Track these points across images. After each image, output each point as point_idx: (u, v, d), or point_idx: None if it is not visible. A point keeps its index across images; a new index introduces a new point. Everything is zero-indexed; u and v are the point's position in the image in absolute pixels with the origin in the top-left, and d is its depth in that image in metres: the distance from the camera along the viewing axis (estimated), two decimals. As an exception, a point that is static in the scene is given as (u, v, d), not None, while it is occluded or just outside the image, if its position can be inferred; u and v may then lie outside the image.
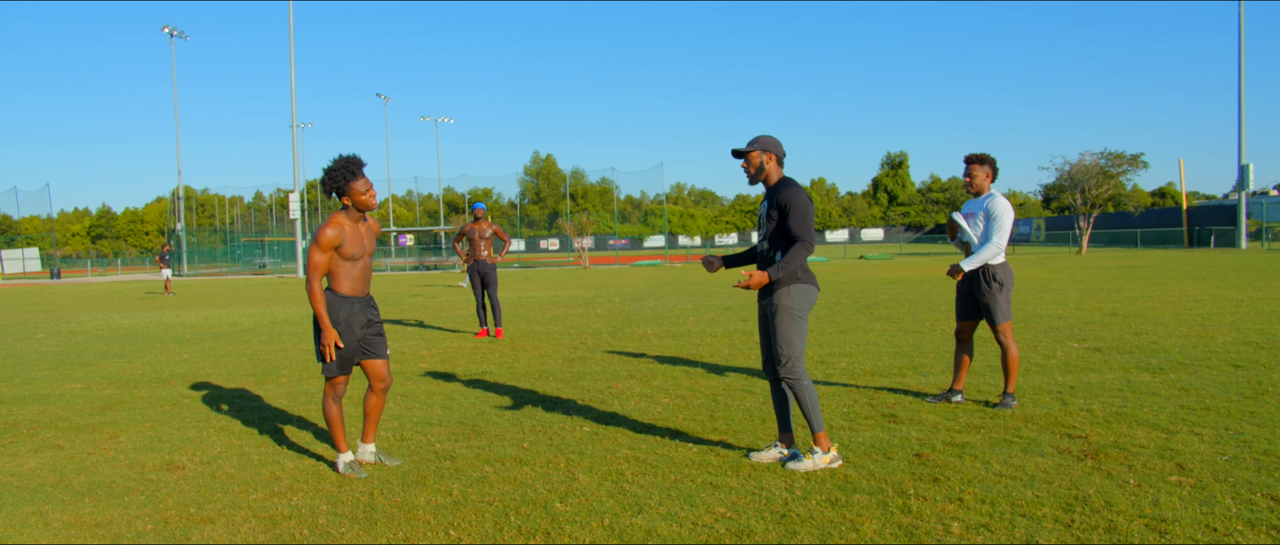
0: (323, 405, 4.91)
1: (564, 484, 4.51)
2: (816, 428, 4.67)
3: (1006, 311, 6.05)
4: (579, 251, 45.31)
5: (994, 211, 6.02)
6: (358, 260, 4.80)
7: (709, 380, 7.45)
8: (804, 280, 4.66)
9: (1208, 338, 9.24)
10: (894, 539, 3.61)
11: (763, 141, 4.79)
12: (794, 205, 4.58)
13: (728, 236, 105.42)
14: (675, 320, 12.82)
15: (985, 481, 4.34)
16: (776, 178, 4.80)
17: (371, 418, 5.06)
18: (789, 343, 4.63)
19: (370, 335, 4.93)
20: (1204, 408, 5.85)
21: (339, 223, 4.73)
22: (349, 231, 4.75)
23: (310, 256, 4.67)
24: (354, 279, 4.80)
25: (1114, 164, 42.68)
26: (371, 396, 5.06)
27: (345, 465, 4.82)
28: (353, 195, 4.73)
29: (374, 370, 4.98)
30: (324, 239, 4.65)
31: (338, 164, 4.72)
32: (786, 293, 4.64)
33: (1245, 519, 3.73)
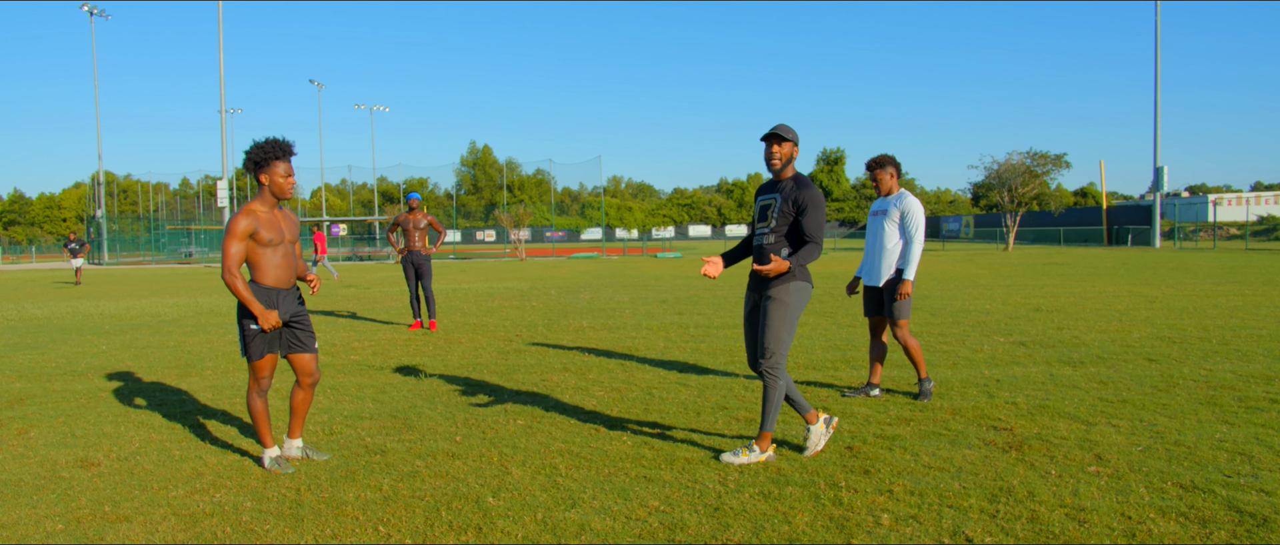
0: (247, 399, 4.76)
1: (497, 478, 4.46)
2: (767, 427, 4.67)
3: (906, 310, 6.17)
4: (516, 243, 44.99)
5: (909, 210, 6.13)
6: (277, 246, 4.65)
7: (644, 373, 7.45)
8: (804, 278, 4.72)
9: (1125, 333, 9.56)
10: (825, 531, 3.65)
11: (794, 134, 4.79)
12: (814, 206, 4.61)
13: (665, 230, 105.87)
14: (611, 313, 12.81)
15: (914, 473, 4.42)
16: (791, 171, 4.81)
17: (298, 412, 4.93)
18: (778, 337, 4.64)
19: (296, 328, 4.79)
20: (1121, 400, 6.05)
21: (252, 210, 4.59)
22: (264, 218, 4.60)
23: (225, 247, 4.51)
24: (276, 267, 4.65)
25: (1039, 164, 43.96)
26: (299, 391, 4.92)
27: (271, 460, 4.69)
28: (272, 175, 4.58)
29: (301, 364, 4.85)
30: (237, 228, 4.50)
31: (267, 141, 4.59)
32: (786, 289, 4.66)
33: (1157, 507, 3.86)
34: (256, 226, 4.55)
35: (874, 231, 6.34)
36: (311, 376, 4.88)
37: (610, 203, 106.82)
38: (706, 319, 11.71)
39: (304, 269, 4.94)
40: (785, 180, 4.76)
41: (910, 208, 6.14)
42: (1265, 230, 53.16)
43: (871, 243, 6.36)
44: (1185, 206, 67.29)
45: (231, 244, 4.50)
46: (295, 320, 4.77)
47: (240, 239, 4.52)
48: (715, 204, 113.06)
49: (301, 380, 4.89)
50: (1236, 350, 8.20)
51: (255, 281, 4.63)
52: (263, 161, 4.57)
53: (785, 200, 4.68)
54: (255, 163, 4.58)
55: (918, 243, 6.08)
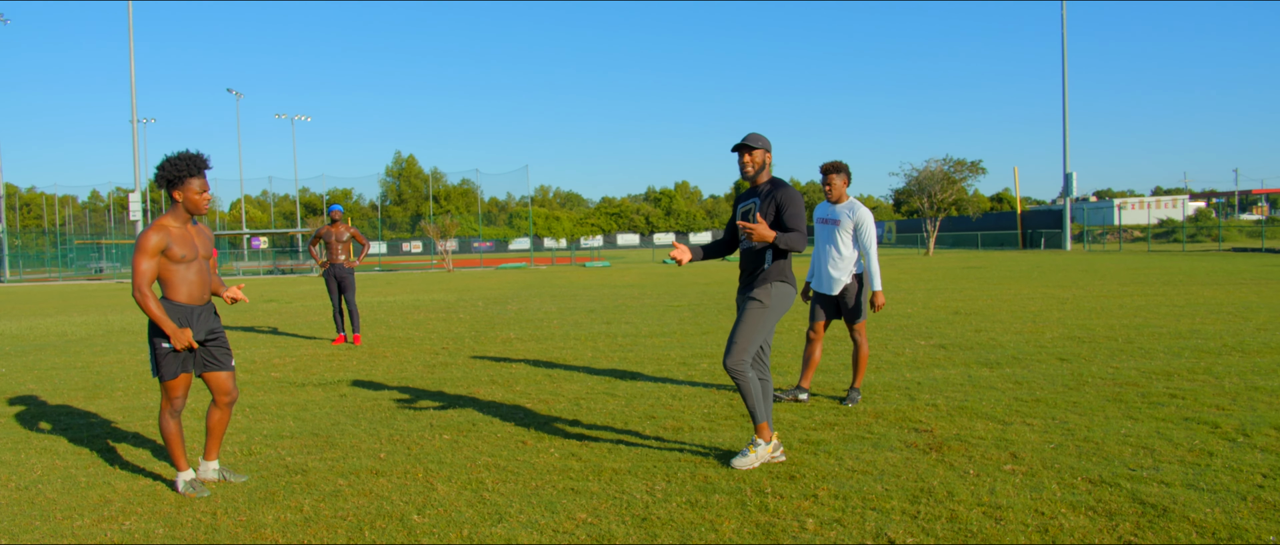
0: (160, 421, 4.60)
1: (422, 495, 4.39)
2: (760, 419, 4.74)
3: (864, 310, 6.34)
4: (442, 254, 44.41)
5: (862, 221, 6.25)
6: (190, 262, 4.49)
7: (571, 384, 7.43)
8: (787, 281, 4.81)
9: (1038, 333, 9.89)
10: (752, 537, 3.69)
11: (764, 140, 4.91)
12: (792, 202, 4.72)
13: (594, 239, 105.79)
14: (539, 324, 12.74)
15: (838, 477, 4.49)
16: (767, 176, 4.93)
17: (215, 433, 4.77)
18: (748, 336, 4.71)
19: (212, 346, 4.64)
20: (1035, 399, 6.25)
21: (164, 225, 4.43)
22: (176, 233, 4.45)
23: (135, 264, 4.35)
24: (190, 284, 4.50)
25: (957, 170, 45.26)
26: (215, 411, 4.76)
27: (185, 484, 4.53)
28: (187, 192, 4.44)
29: (218, 383, 4.69)
30: (147, 244, 4.35)
31: (180, 156, 4.42)
32: (768, 290, 4.76)
33: (1068, 502, 4.00)
34: (169, 242, 4.40)
35: (825, 239, 6.41)
36: (228, 395, 4.73)
37: (538, 212, 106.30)
38: (634, 328, 11.73)
39: (219, 285, 4.80)
40: (762, 184, 4.90)
41: (864, 219, 6.25)
42: (1165, 233, 55.62)
43: (822, 250, 6.44)
44: (1093, 211, 70.05)
45: (141, 260, 4.34)
46: (211, 337, 4.62)
47: (151, 255, 4.36)
48: (643, 213, 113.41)
49: (218, 399, 4.73)
50: (1140, 348, 8.55)
51: (168, 298, 4.47)
52: (176, 178, 4.42)
53: (764, 202, 4.80)
54: (168, 179, 4.43)
55: (876, 253, 6.28)
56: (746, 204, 4.95)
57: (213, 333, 4.64)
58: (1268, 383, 6.64)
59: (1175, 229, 54.30)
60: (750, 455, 4.70)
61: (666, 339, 10.40)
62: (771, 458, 4.75)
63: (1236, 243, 45.86)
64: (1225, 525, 3.66)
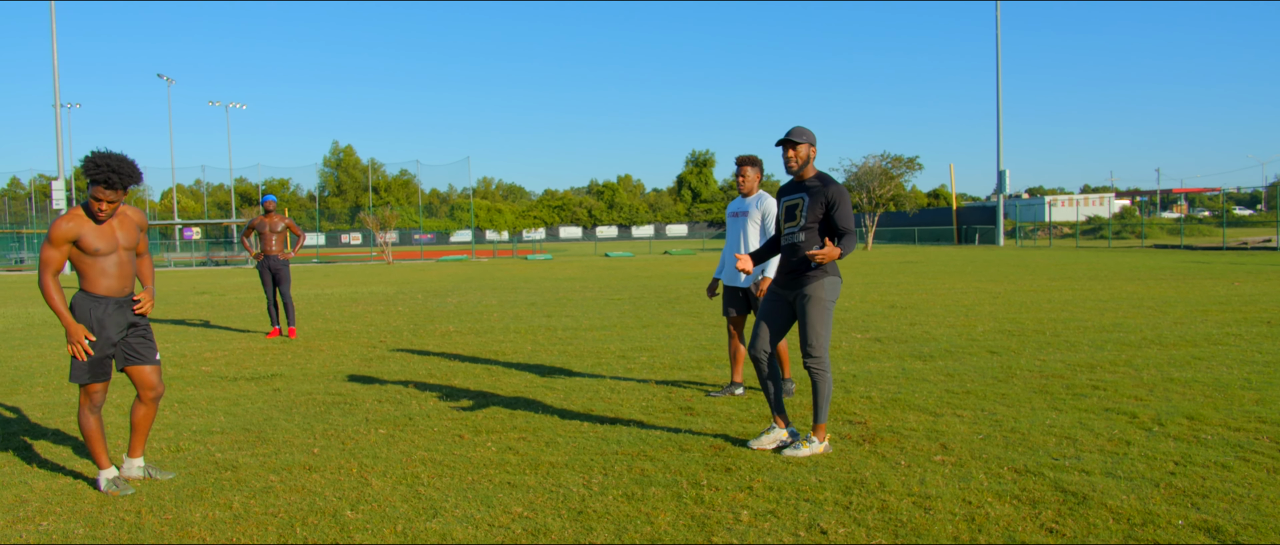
0: (79, 417, 4.45)
1: (356, 490, 4.33)
2: (821, 419, 4.83)
3: None
4: (382, 246, 43.77)
5: (769, 210, 6.29)
6: (107, 255, 4.30)
7: (511, 378, 7.39)
8: (836, 274, 4.85)
9: (970, 327, 10.14)
10: (687, 530, 3.72)
11: (810, 135, 4.93)
12: (843, 201, 4.75)
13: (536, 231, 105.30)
14: (479, 317, 12.65)
15: (774, 469, 4.55)
16: (813, 171, 4.94)
17: (139, 430, 4.63)
18: (819, 333, 4.76)
19: (134, 339, 4.47)
20: (965, 391, 6.41)
21: (78, 215, 4.26)
22: (91, 225, 4.27)
23: (42, 252, 4.20)
24: (108, 277, 4.32)
25: (895, 166, 46.10)
26: (139, 407, 4.61)
27: (108, 482, 4.40)
28: (92, 192, 4.22)
29: (142, 378, 4.55)
30: (57, 232, 4.18)
31: (104, 161, 4.16)
32: (820, 285, 4.78)
33: (994, 491, 4.11)
34: (81, 233, 4.23)
35: (735, 232, 6.46)
36: (153, 390, 4.59)
37: (480, 204, 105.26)
38: (575, 322, 11.71)
39: (147, 276, 4.65)
40: (810, 179, 4.91)
41: (769, 209, 6.29)
42: (1092, 229, 57.39)
43: (732, 244, 6.48)
44: (1025, 207, 71.91)
45: (47, 250, 4.18)
46: (133, 330, 4.47)
47: (58, 245, 4.20)
48: (586, 205, 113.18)
49: (142, 394, 4.59)
50: (1066, 341, 8.82)
51: (85, 290, 4.32)
52: (93, 178, 4.22)
53: (814, 198, 4.81)
54: (88, 175, 4.26)
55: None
56: (793, 199, 4.95)
57: (135, 325, 4.48)
58: (1182, 374, 6.91)
59: (1102, 226, 56.06)
60: (804, 449, 4.79)
61: (607, 332, 10.41)
62: (824, 452, 4.84)
63: (1158, 240, 47.52)
64: (1139, 511, 3.80)
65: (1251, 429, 5.16)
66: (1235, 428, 5.20)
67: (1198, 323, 10.18)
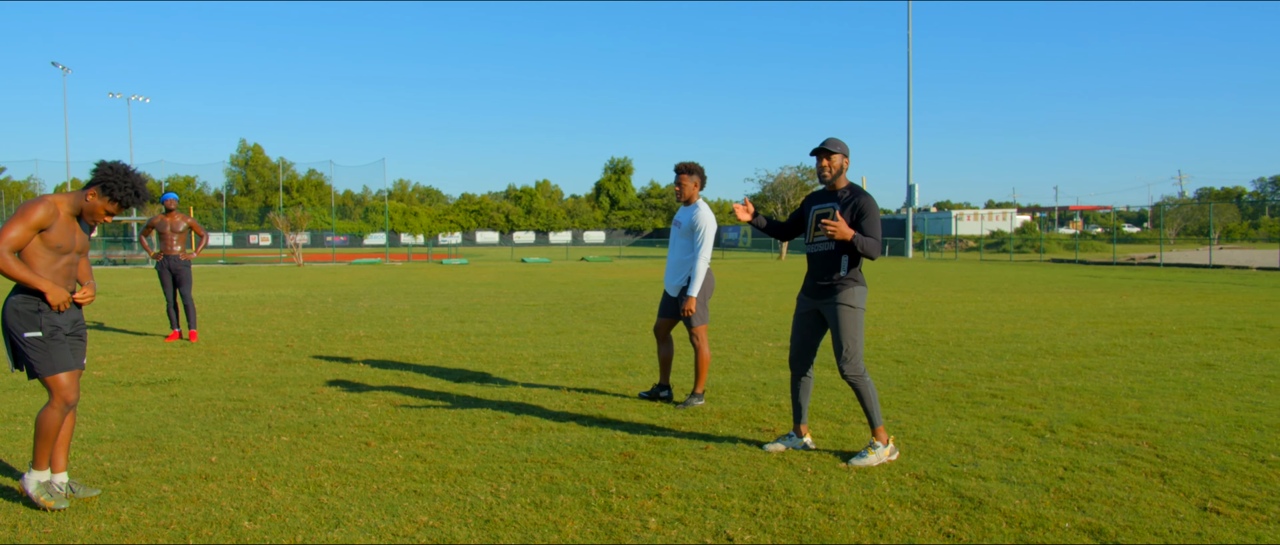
0: (43, 416, 4.12)
1: (254, 500, 4.20)
2: (876, 423, 4.88)
3: (703, 316, 6.41)
4: (292, 248, 42.58)
5: (700, 223, 6.32)
6: (64, 254, 4.15)
7: (421, 384, 7.27)
8: (861, 282, 4.90)
9: (878, 336, 10.40)
10: (594, 537, 3.71)
11: (843, 146, 4.98)
12: (871, 212, 4.80)
13: (452, 235, 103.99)
14: (391, 321, 12.41)
15: (683, 476, 4.58)
16: (845, 182, 4.99)
17: (61, 442, 4.29)
18: (853, 340, 4.82)
19: (77, 341, 4.30)
20: (871, 400, 6.56)
21: (53, 204, 4.08)
22: (63, 220, 4.11)
23: (6, 229, 3.97)
24: (55, 275, 4.12)
25: (809, 177, 47.00)
26: (50, 415, 4.26)
27: (37, 487, 4.10)
28: (97, 201, 4.15)
29: None
30: (32, 215, 4.01)
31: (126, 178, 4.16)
32: (850, 293, 4.85)
33: (896, 497, 4.23)
34: (53, 224, 4.07)
35: (673, 240, 6.49)
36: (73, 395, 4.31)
37: (395, 207, 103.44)
38: (488, 327, 11.60)
39: (87, 273, 4.44)
40: (841, 189, 4.97)
41: (700, 221, 6.29)
42: (995, 243, 59.56)
43: (671, 250, 6.53)
44: (933, 221, 74.28)
45: (16, 227, 3.99)
46: (74, 329, 4.30)
47: (31, 226, 4.02)
48: (504, 210, 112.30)
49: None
50: (968, 351, 9.13)
51: None
52: (103, 185, 4.13)
53: (844, 208, 4.85)
54: (101, 183, 4.13)
55: (701, 257, 6.22)
56: (824, 207, 4.99)
57: (77, 324, 4.31)
58: (1074, 383, 7.22)
59: (1004, 240, 58.21)
60: (870, 456, 4.82)
61: (520, 339, 10.34)
62: (889, 458, 4.87)
63: (1055, 254, 49.60)
64: (1030, 515, 3.96)
65: (1133, 435, 5.43)
66: (1119, 434, 5.46)
67: (1089, 334, 10.66)
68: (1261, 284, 21.40)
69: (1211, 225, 44.18)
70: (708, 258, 6.26)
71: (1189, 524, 3.85)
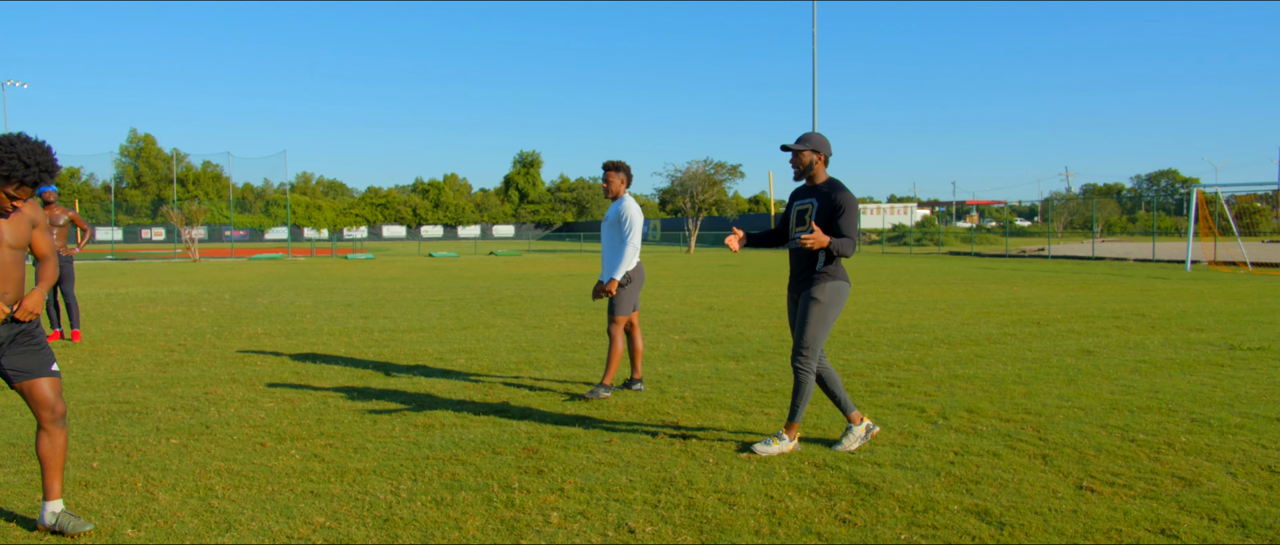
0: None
1: (139, 507, 4.02)
2: (795, 418, 4.89)
3: (625, 307, 6.44)
4: (188, 243, 40.91)
5: (626, 214, 6.41)
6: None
7: (321, 381, 7.09)
8: (841, 278, 4.88)
9: (782, 328, 10.61)
10: (496, 534, 3.69)
11: (813, 141, 4.96)
12: (848, 208, 4.78)
13: (358, 230, 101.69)
14: (291, 318, 12.06)
15: (586, 470, 4.59)
16: (824, 177, 4.97)
17: (52, 465, 3.76)
18: (813, 334, 4.81)
19: (21, 350, 3.71)
20: (774, 390, 6.69)
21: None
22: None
23: None
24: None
25: (717, 172, 47.60)
26: (44, 436, 3.76)
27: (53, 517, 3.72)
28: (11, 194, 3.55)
29: (37, 396, 3.74)
30: None
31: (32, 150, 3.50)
32: (824, 288, 4.83)
33: (794, 485, 4.32)
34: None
35: (605, 235, 6.59)
36: (51, 409, 3.76)
37: (298, 200, 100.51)
38: (393, 323, 11.39)
39: (48, 278, 3.92)
40: (820, 184, 4.95)
41: (624, 212, 6.41)
42: (897, 236, 61.42)
43: (604, 246, 6.61)
44: (838, 214, 75.93)
45: None
46: (18, 339, 3.72)
47: None
48: (411, 204, 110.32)
49: (40, 415, 3.76)
50: (867, 342, 9.39)
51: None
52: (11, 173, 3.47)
53: (823, 204, 4.85)
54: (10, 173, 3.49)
55: (631, 246, 6.35)
56: (803, 203, 4.99)
57: (25, 334, 3.73)
58: (966, 371, 7.51)
59: (905, 234, 60.05)
60: (773, 445, 4.84)
61: (425, 334, 10.19)
62: (790, 450, 4.88)
63: (953, 247, 51.42)
64: (922, 499, 4.10)
65: (1019, 420, 5.68)
66: (1006, 419, 5.71)
67: (981, 324, 11.10)
68: (1137, 274, 22.64)
69: (1094, 219, 46.50)
70: (637, 247, 6.39)
71: (1066, 502, 4.05)
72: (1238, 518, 3.84)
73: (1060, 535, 3.64)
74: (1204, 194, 27.54)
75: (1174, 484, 4.33)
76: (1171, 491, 4.21)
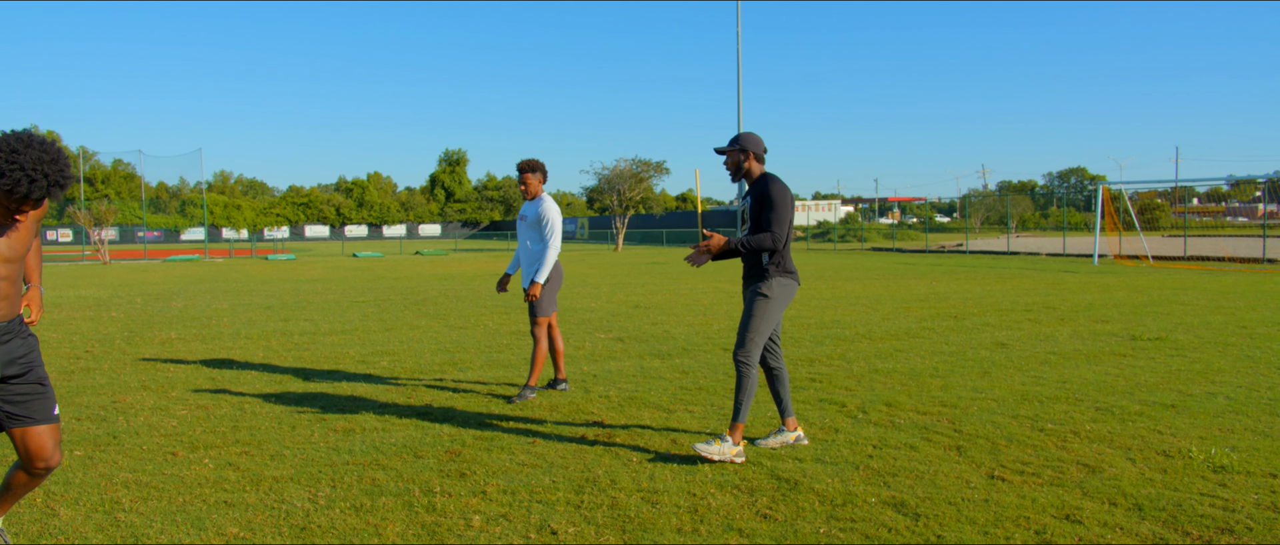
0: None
1: (39, 523, 3.86)
2: (739, 419, 4.72)
3: (547, 308, 6.41)
4: (97, 245, 39.33)
5: (546, 215, 6.37)
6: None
7: (237, 386, 6.90)
8: (787, 275, 4.82)
9: (707, 325, 10.70)
10: (417, 539, 3.64)
11: (742, 140, 4.95)
12: (768, 201, 4.74)
13: (279, 230, 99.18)
14: (207, 322, 11.70)
15: (509, 472, 4.56)
16: (759, 173, 4.96)
17: (13, 491, 3.36)
18: (757, 329, 4.74)
19: (21, 387, 3.12)
20: (698, 387, 6.75)
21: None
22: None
23: None
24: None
25: (644, 170, 47.73)
26: (20, 475, 3.29)
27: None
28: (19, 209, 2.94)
29: (35, 445, 3.18)
30: None
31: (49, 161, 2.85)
32: (769, 284, 4.77)
33: (717, 482, 4.37)
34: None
35: (522, 236, 6.53)
36: (46, 462, 3.21)
37: (215, 200, 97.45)
38: (314, 325, 11.14)
39: (35, 269, 3.42)
40: (757, 180, 4.93)
41: (547, 213, 6.38)
42: (821, 233, 62.50)
43: (521, 246, 6.56)
44: (764, 211, 76.93)
45: None
46: (18, 374, 3.12)
47: None
48: (334, 203, 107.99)
49: (31, 466, 3.22)
50: (791, 337, 9.53)
51: None
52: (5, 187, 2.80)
53: (753, 197, 4.85)
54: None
55: (551, 247, 6.32)
56: (745, 202, 5.00)
57: (25, 367, 3.13)
58: (885, 365, 7.69)
59: (829, 230, 61.14)
60: (713, 446, 4.66)
61: (347, 336, 9.99)
62: (734, 460, 4.69)
63: (876, 243, 52.56)
64: (841, 492, 4.19)
65: (935, 412, 5.84)
66: (923, 412, 5.86)
67: (901, 318, 11.37)
68: (1049, 268, 23.47)
69: (1009, 215, 48.01)
70: (557, 248, 6.37)
71: (978, 492, 4.18)
72: (1135, 501, 4.02)
73: (972, 524, 3.76)
74: (1109, 191, 28.70)
75: (1079, 471, 4.50)
76: (1076, 478, 4.38)
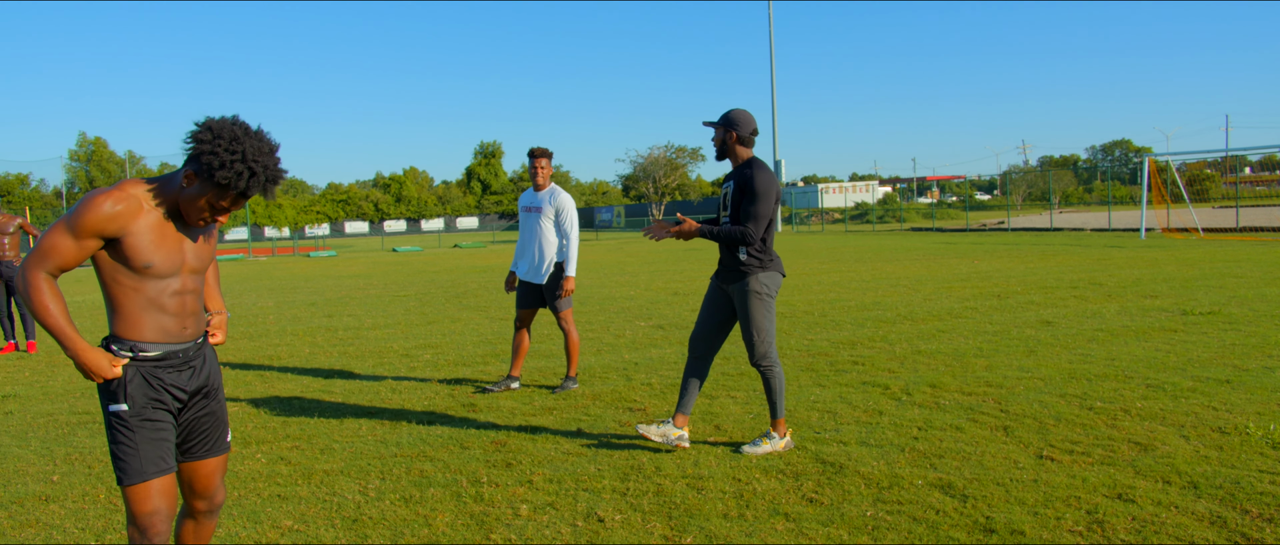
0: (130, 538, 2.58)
1: (103, 519, 3.97)
2: (778, 414, 4.68)
3: (568, 301, 6.41)
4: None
5: (562, 206, 6.33)
6: (166, 277, 2.55)
7: (285, 383, 7.03)
8: (771, 267, 4.60)
9: (747, 311, 10.67)
10: (465, 529, 3.69)
11: (728, 118, 4.71)
12: (750, 190, 4.52)
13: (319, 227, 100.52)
14: (253, 320, 11.91)
15: (555, 461, 4.60)
16: (744, 157, 4.71)
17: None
18: (761, 328, 4.58)
19: (199, 414, 2.74)
20: (739, 373, 6.74)
21: (133, 196, 2.50)
22: (153, 222, 2.52)
23: (48, 239, 2.45)
24: (164, 314, 2.57)
25: (679, 157, 47.68)
26: (189, 524, 2.90)
27: None
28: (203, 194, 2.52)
29: (202, 477, 2.81)
30: (91, 216, 2.43)
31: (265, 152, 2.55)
32: (755, 278, 4.55)
33: (761, 467, 4.37)
34: (129, 228, 2.47)
35: (530, 227, 6.40)
36: (210, 500, 2.86)
37: (257, 199, 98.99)
38: (357, 321, 11.29)
39: (214, 284, 3.00)
40: (740, 164, 4.70)
41: (564, 204, 6.29)
42: (859, 214, 61.91)
43: (527, 238, 6.43)
44: (800, 194, 76.43)
45: (60, 237, 2.44)
46: (203, 400, 2.75)
47: (84, 235, 2.45)
48: (372, 199, 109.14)
49: (195, 504, 2.85)
50: (832, 321, 9.48)
51: (117, 335, 2.56)
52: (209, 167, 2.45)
53: (737, 184, 4.63)
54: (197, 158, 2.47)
55: (576, 239, 6.27)
56: (727, 185, 4.78)
57: (207, 394, 2.76)
58: (929, 346, 7.62)
59: (867, 211, 60.56)
60: (763, 445, 4.63)
61: (390, 330, 10.12)
62: (784, 449, 4.66)
63: (915, 223, 51.98)
64: (887, 475, 4.17)
65: (980, 393, 5.78)
66: (968, 392, 5.80)
67: (943, 298, 11.25)
68: (1094, 244, 23.05)
69: (1051, 191, 47.22)
70: (577, 239, 6.29)
71: (1027, 472, 4.14)
72: (1190, 479, 3.95)
73: (1021, 505, 3.72)
74: (1156, 163, 28.09)
75: (1130, 449, 4.43)
76: (1128, 456, 4.31)
